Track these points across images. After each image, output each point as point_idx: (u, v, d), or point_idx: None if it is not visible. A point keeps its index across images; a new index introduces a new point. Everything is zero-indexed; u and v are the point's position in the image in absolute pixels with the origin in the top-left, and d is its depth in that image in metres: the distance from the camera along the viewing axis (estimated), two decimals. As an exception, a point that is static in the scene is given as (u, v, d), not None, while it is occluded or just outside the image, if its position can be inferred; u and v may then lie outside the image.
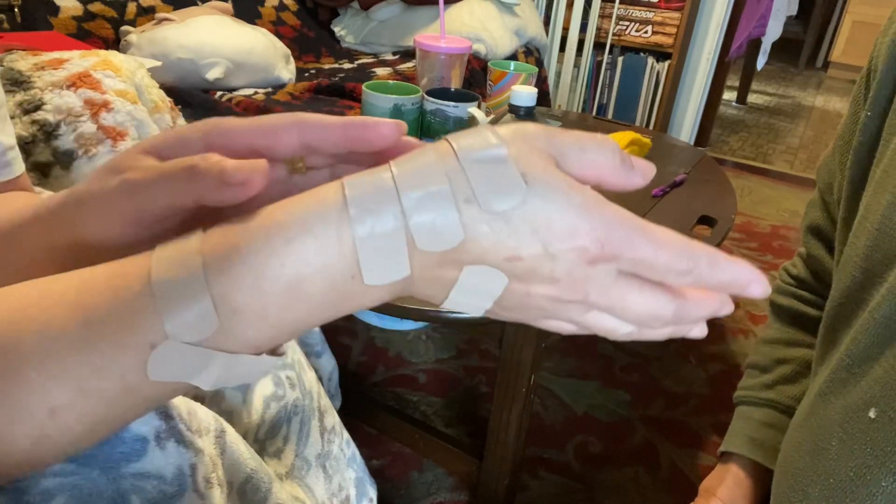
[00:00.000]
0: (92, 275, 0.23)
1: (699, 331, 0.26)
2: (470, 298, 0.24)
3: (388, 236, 0.22)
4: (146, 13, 1.38)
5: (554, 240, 0.22)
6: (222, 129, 0.25)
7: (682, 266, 0.23)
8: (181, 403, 0.36)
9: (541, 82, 1.87)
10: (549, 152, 0.23)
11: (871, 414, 0.36)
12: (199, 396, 0.44)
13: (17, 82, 0.60)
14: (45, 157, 0.59)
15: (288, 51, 1.45)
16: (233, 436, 0.41)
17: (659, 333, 0.26)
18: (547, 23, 2.20)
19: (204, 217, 0.26)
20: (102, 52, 0.65)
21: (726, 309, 0.25)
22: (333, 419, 0.64)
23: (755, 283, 0.24)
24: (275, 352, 0.25)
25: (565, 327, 0.26)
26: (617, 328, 0.25)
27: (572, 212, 0.22)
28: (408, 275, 0.23)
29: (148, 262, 0.22)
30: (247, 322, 0.22)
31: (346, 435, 0.66)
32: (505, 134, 0.23)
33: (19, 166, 0.45)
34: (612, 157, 0.24)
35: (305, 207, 0.22)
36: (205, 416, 0.38)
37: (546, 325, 0.26)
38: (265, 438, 0.52)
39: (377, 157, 0.27)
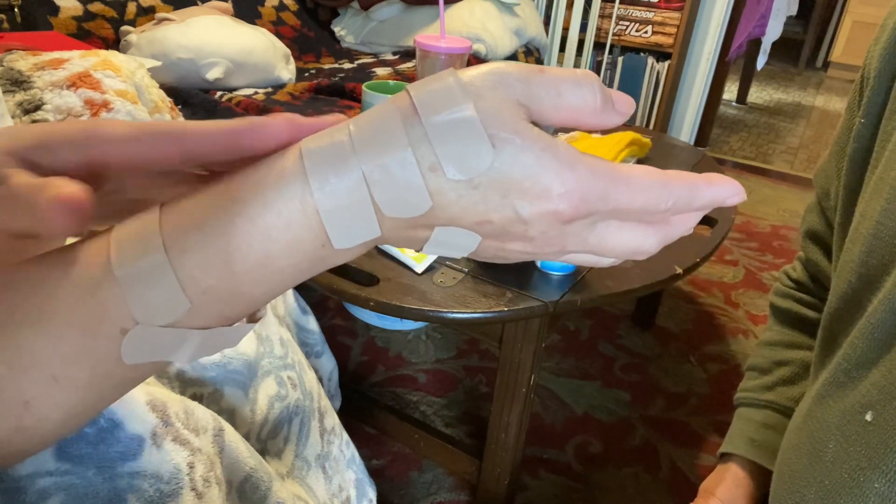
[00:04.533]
0: (41, 264, 0.22)
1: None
2: (443, 250, 0.24)
3: (353, 205, 0.21)
4: (146, 13, 1.38)
5: (525, 204, 0.21)
6: (100, 137, 0.23)
7: (661, 206, 0.23)
8: (178, 402, 0.36)
9: (541, 82, 1.87)
10: (521, 102, 0.22)
11: (868, 417, 0.36)
12: (196, 395, 0.44)
13: (17, 82, 0.60)
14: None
15: (288, 51, 1.45)
16: (231, 434, 0.40)
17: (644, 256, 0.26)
18: (547, 23, 2.20)
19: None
20: (102, 52, 0.65)
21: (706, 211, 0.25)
22: (333, 420, 0.64)
23: (733, 197, 0.24)
24: (252, 318, 0.25)
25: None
26: (599, 262, 0.25)
27: (544, 174, 0.21)
28: (378, 235, 0.23)
29: (106, 246, 0.21)
30: (218, 299, 0.22)
31: (345, 436, 0.66)
32: (475, 83, 0.22)
33: None
34: (592, 99, 0.22)
35: (264, 181, 0.22)
36: (202, 415, 0.38)
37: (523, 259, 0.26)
38: (267, 438, 0.52)
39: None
